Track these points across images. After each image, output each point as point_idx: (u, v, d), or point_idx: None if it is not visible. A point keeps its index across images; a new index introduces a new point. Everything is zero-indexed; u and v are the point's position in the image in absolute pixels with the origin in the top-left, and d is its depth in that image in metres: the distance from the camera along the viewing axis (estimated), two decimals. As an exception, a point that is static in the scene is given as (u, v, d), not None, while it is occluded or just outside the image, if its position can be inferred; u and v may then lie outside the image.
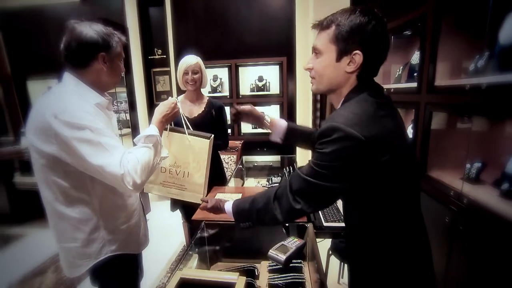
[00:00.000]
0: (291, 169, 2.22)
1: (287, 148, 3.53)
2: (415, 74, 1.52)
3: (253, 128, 3.62)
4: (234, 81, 3.48)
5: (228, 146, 1.84)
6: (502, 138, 1.12)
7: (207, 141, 1.35)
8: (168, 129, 1.34)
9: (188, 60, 1.68)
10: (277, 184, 1.74)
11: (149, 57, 3.74)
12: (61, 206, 0.93)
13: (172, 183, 1.39)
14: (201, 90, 1.80)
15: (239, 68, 3.46)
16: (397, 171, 0.70)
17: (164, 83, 3.82)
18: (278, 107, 3.51)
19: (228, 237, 1.39)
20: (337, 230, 1.39)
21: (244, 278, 0.88)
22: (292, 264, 1.11)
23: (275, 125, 1.14)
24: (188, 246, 1.40)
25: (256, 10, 3.33)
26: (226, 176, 2.10)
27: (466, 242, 1.07)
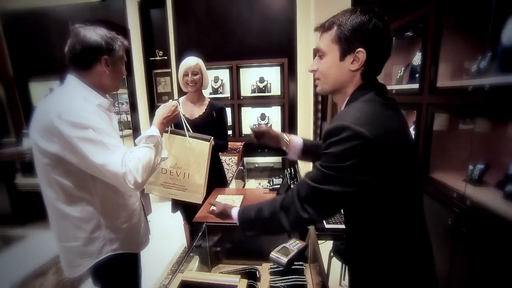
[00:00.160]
0: (292, 170, 2.21)
1: (288, 149, 3.53)
2: (416, 75, 1.52)
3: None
4: (235, 82, 3.48)
5: (228, 148, 1.84)
6: (505, 139, 1.11)
7: (207, 143, 1.38)
8: (169, 132, 1.37)
9: (188, 61, 1.68)
10: (278, 185, 1.74)
11: (150, 58, 3.75)
12: (63, 205, 0.94)
13: (173, 184, 1.41)
14: (202, 91, 1.80)
15: (240, 69, 3.46)
16: (401, 173, 0.69)
17: (165, 85, 3.83)
18: (279, 108, 3.51)
19: (229, 238, 1.38)
20: (338, 232, 1.39)
21: (246, 281, 0.88)
22: (294, 266, 1.10)
23: (292, 143, 1.13)
24: (189, 248, 1.40)
25: (257, 11, 3.34)
26: (227, 178, 2.09)
27: (469, 245, 1.06)
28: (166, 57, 3.68)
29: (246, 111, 3.58)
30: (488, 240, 0.98)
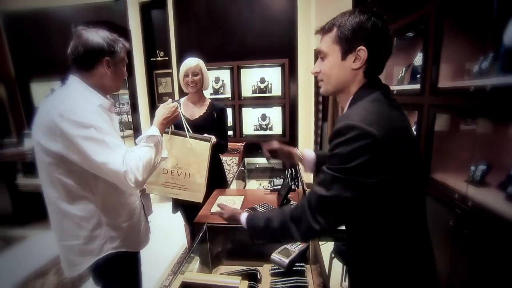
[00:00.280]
0: (293, 171, 2.21)
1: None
2: (418, 75, 1.51)
3: (254, 130, 3.63)
4: (236, 83, 3.48)
5: (228, 149, 1.84)
6: (507, 140, 1.10)
7: (208, 144, 1.41)
8: (170, 133, 1.39)
9: (189, 62, 1.69)
10: (279, 186, 1.73)
11: (151, 59, 3.76)
12: (65, 204, 0.96)
13: (174, 183, 1.43)
14: (203, 92, 1.80)
15: (241, 70, 3.46)
16: (406, 174, 0.68)
17: (166, 85, 3.84)
18: (280, 109, 3.51)
19: (230, 239, 1.38)
20: (339, 233, 1.38)
21: (247, 282, 0.87)
22: (295, 267, 1.10)
23: (306, 158, 1.13)
24: (189, 249, 1.40)
25: (258, 12, 3.34)
26: (228, 178, 2.09)
27: (471, 246, 1.05)
28: (167, 58, 3.69)
29: (247, 111, 3.58)
30: (490, 241, 0.97)
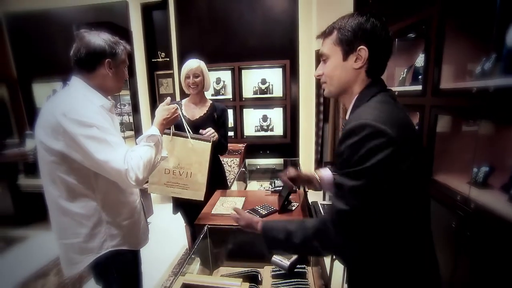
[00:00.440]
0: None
1: (290, 151, 3.53)
2: (419, 76, 1.51)
3: (255, 131, 3.63)
4: (237, 84, 3.48)
5: (227, 150, 1.84)
6: (510, 141, 1.10)
7: (209, 144, 1.45)
8: (171, 134, 1.42)
9: (190, 64, 1.71)
10: (280, 187, 1.73)
11: (152, 60, 3.77)
12: (66, 202, 0.98)
13: (176, 183, 1.46)
14: (204, 93, 1.82)
15: (242, 70, 3.46)
16: (412, 176, 0.67)
17: (167, 86, 3.84)
18: (281, 109, 3.51)
19: (230, 241, 1.38)
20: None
21: (248, 284, 0.87)
22: (296, 269, 1.09)
23: (323, 179, 1.11)
24: (190, 250, 1.40)
25: (259, 13, 3.34)
26: (229, 179, 2.09)
27: (474, 248, 1.05)
28: (168, 59, 3.70)
29: (248, 112, 3.58)
30: (493, 244, 0.96)
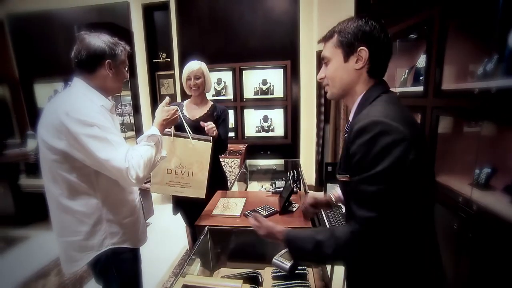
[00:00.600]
0: (295, 172, 2.20)
1: (291, 152, 3.52)
2: (421, 77, 1.50)
3: (256, 131, 3.62)
4: (238, 85, 3.48)
5: (227, 149, 1.84)
6: (513, 143, 1.09)
7: (209, 144, 1.50)
8: (173, 135, 1.46)
9: (191, 65, 1.72)
10: (281, 188, 1.72)
11: (153, 60, 3.77)
12: (67, 200, 0.99)
13: (178, 182, 1.50)
14: (205, 94, 1.83)
15: (243, 71, 3.47)
16: (421, 177, 0.66)
17: (168, 87, 3.85)
18: (282, 110, 3.51)
19: (231, 242, 1.38)
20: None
21: (248, 286, 0.87)
22: (297, 271, 1.09)
23: (339, 198, 1.12)
24: (191, 251, 1.39)
25: (260, 14, 3.34)
26: (230, 180, 2.09)
27: (476, 250, 1.04)
28: (169, 59, 3.70)
29: (249, 113, 3.58)
30: (495, 245, 0.96)
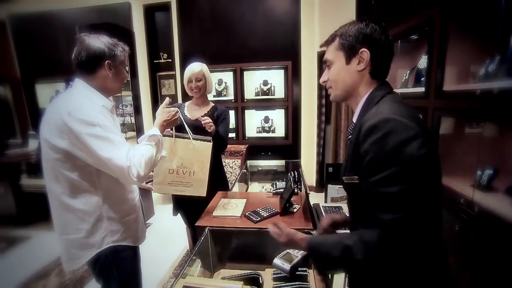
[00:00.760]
0: (296, 173, 2.19)
1: (291, 153, 3.52)
2: (422, 78, 1.50)
3: (257, 132, 3.62)
4: (239, 85, 3.49)
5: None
6: (515, 144, 1.09)
7: (210, 144, 1.53)
8: (174, 136, 1.49)
9: (192, 68, 1.73)
10: (281, 189, 1.72)
11: (154, 61, 3.78)
12: (68, 199, 1.01)
13: (179, 182, 1.54)
14: (206, 96, 1.84)
15: (244, 72, 3.47)
16: (432, 177, 0.65)
17: (169, 87, 3.85)
18: (283, 111, 3.51)
19: (232, 243, 1.37)
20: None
21: (248, 287, 0.86)
22: (298, 272, 1.08)
23: None
24: (191, 251, 1.39)
25: (261, 14, 3.35)
26: (230, 181, 2.09)
27: (478, 252, 1.04)
28: (170, 60, 3.71)
29: (249, 113, 3.58)
30: (497, 247, 0.95)
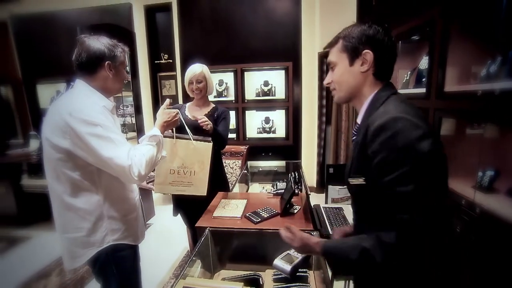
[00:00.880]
0: (296, 174, 2.19)
1: (292, 153, 3.52)
2: (423, 79, 1.50)
3: (258, 133, 3.62)
4: (239, 86, 3.49)
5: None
6: (516, 145, 1.08)
7: (210, 144, 1.55)
8: (175, 137, 1.51)
9: (193, 69, 1.74)
10: (282, 190, 1.72)
11: (155, 61, 3.78)
12: (70, 198, 1.02)
13: (180, 181, 1.56)
14: (207, 97, 1.85)
15: (245, 72, 3.47)
16: (442, 175, 0.66)
17: (170, 88, 3.85)
18: (283, 112, 3.51)
19: (232, 244, 1.37)
20: (343, 238, 1.36)
21: (248, 288, 0.86)
22: (298, 273, 1.08)
23: None
24: (191, 252, 1.39)
25: (261, 15, 3.35)
26: (231, 181, 2.09)
27: (479, 253, 1.03)
28: (171, 61, 3.71)
29: (250, 114, 3.58)
30: (498, 249, 0.95)
